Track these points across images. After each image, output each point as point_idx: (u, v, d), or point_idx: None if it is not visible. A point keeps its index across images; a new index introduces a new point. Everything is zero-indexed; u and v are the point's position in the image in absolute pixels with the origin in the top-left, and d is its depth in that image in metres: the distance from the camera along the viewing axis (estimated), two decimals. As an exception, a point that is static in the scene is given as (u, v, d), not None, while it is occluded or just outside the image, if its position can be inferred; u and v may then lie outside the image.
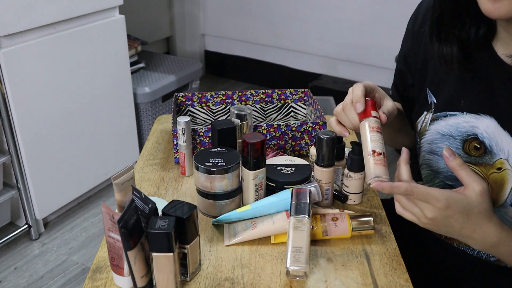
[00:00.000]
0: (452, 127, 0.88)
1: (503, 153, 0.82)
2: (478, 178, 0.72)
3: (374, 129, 0.81)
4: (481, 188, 0.71)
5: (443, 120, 0.89)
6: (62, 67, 1.84)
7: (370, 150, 0.79)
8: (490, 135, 0.83)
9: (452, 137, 0.88)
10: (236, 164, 0.88)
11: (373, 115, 0.82)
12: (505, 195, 0.84)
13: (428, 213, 0.71)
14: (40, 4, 1.71)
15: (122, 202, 0.75)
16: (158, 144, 1.18)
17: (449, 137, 0.88)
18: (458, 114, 0.87)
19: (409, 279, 0.78)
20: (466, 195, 0.71)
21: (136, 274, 0.72)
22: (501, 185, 0.84)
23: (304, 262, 0.75)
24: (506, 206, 0.84)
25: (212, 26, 3.38)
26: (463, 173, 0.72)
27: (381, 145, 0.79)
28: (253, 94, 1.23)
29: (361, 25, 2.79)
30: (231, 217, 0.87)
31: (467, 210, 0.71)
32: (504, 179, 0.83)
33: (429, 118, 0.92)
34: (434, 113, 0.91)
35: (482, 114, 0.84)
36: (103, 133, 2.09)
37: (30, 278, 1.79)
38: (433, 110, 0.91)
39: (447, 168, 0.89)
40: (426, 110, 0.93)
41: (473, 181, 0.71)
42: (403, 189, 0.71)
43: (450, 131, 0.88)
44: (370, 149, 0.79)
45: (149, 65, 2.62)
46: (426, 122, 0.93)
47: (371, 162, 0.77)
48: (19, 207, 1.90)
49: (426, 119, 0.93)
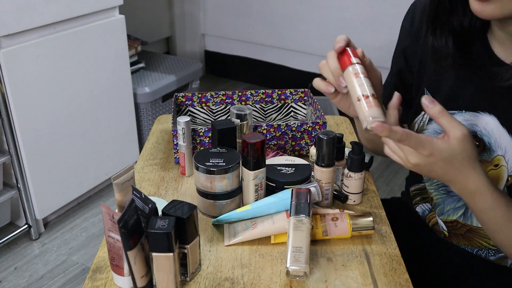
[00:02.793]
0: None
1: (501, 149, 0.82)
2: (458, 124, 0.70)
3: (358, 75, 0.75)
4: (462, 133, 0.70)
5: None
6: (62, 67, 1.84)
7: (359, 94, 0.73)
8: (489, 132, 0.83)
9: None
10: (236, 164, 0.88)
11: (354, 62, 0.77)
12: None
13: (411, 159, 0.71)
14: (40, 4, 1.70)
15: (122, 202, 0.75)
16: (158, 144, 1.18)
17: None
18: (457, 113, 0.87)
19: (409, 279, 0.78)
20: (449, 142, 0.70)
21: (136, 274, 0.72)
22: (497, 182, 0.84)
23: (304, 262, 0.75)
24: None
25: (212, 26, 3.38)
26: (443, 120, 0.71)
27: (369, 88, 0.74)
28: (253, 94, 1.23)
29: (361, 25, 2.79)
30: (231, 217, 0.87)
31: (450, 158, 0.71)
32: (500, 176, 0.84)
33: (427, 118, 0.92)
34: None
35: (481, 112, 0.84)
36: (103, 133, 2.09)
37: (30, 278, 1.79)
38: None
39: None
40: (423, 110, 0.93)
41: (454, 127, 0.70)
42: (399, 134, 0.68)
43: None
44: (358, 94, 0.73)
45: (149, 65, 2.62)
46: (424, 121, 0.93)
47: (364, 105, 0.72)
48: (19, 207, 1.90)
49: (424, 118, 0.93)
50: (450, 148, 0.70)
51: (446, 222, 0.95)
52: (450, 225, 0.95)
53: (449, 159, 0.71)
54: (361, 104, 0.72)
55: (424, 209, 1.00)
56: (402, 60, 0.98)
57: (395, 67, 1.01)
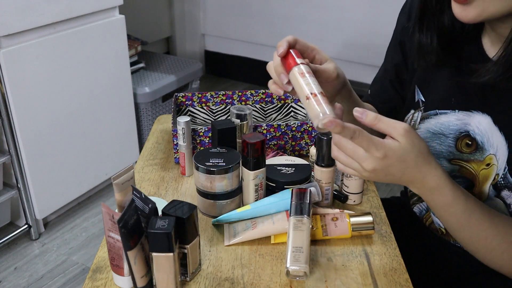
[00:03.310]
0: (443, 125, 0.88)
1: (493, 148, 0.82)
2: (397, 122, 0.69)
3: (303, 74, 0.73)
4: (403, 128, 0.68)
5: (433, 118, 0.89)
6: (62, 67, 1.84)
7: (307, 93, 0.70)
8: (482, 131, 0.83)
9: (444, 135, 0.88)
10: (236, 164, 0.88)
11: (299, 62, 0.74)
12: (486, 190, 0.84)
13: (367, 166, 0.69)
14: (40, 4, 1.71)
15: (122, 202, 0.75)
16: (158, 144, 1.18)
17: (440, 135, 0.89)
18: (449, 112, 0.87)
19: (409, 279, 0.78)
20: (397, 141, 0.69)
21: (136, 274, 0.72)
22: (486, 180, 0.84)
23: (304, 262, 0.75)
24: (491, 198, 0.85)
25: (212, 26, 3.38)
26: (382, 125, 0.69)
27: (316, 87, 0.71)
28: (253, 94, 1.23)
29: (361, 25, 2.79)
30: (231, 217, 0.87)
31: (404, 156, 0.69)
32: (489, 174, 0.84)
33: (418, 117, 0.92)
34: (424, 111, 0.91)
35: (474, 111, 0.84)
36: (103, 133, 2.09)
37: (30, 278, 1.79)
38: (422, 109, 0.91)
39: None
40: (413, 109, 0.93)
41: (394, 127, 0.69)
42: (351, 131, 0.66)
43: (441, 130, 0.88)
44: (306, 93, 0.70)
45: (149, 65, 2.62)
46: (415, 121, 0.93)
47: (313, 103, 0.69)
48: (19, 207, 1.90)
49: (414, 117, 0.93)
50: (401, 147, 0.68)
51: None
52: None
53: (403, 157, 0.69)
54: (310, 103, 0.69)
55: (421, 209, 1.00)
56: (400, 54, 0.98)
57: (391, 61, 1.00)
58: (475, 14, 0.70)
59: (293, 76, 0.74)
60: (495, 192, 0.84)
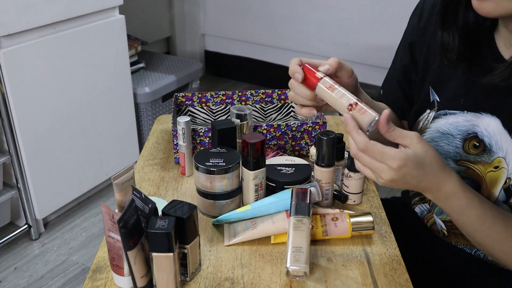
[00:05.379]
0: (452, 125, 0.88)
1: (502, 151, 0.82)
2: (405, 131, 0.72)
3: (332, 87, 0.75)
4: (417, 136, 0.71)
5: (443, 118, 0.89)
6: (62, 67, 1.84)
7: (347, 105, 0.73)
8: (490, 133, 0.83)
9: (452, 136, 0.88)
10: (236, 164, 0.88)
11: (320, 76, 0.77)
12: (496, 193, 0.84)
13: (384, 176, 0.71)
14: (40, 4, 1.70)
15: (122, 202, 0.75)
16: (158, 144, 1.18)
17: (449, 136, 0.89)
18: (458, 113, 0.87)
19: (409, 279, 0.78)
20: (413, 149, 0.70)
21: (136, 274, 0.72)
22: (494, 184, 0.84)
23: (304, 262, 0.75)
24: (499, 203, 0.84)
25: (212, 26, 3.38)
26: (396, 133, 0.71)
27: (350, 96, 0.74)
28: (253, 94, 1.23)
29: (361, 25, 2.79)
30: (231, 217, 0.87)
31: (420, 163, 0.70)
32: (498, 178, 0.84)
33: (432, 116, 0.92)
34: (437, 111, 0.91)
35: (483, 113, 0.84)
36: (103, 133, 2.09)
37: (30, 278, 1.79)
38: (436, 109, 0.91)
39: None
40: (429, 109, 0.93)
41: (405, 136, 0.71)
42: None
43: (449, 130, 0.88)
44: (346, 106, 0.73)
45: (149, 65, 2.62)
46: (428, 120, 0.93)
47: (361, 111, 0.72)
48: (19, 207, 1.90)
49: (428, 117, 0.93)
50: (417, 154, 0.70)
51: (445, 222, 0.95)
52: (450, 225, 0.95)
53: (420, 165, 0.71)
54: (356, 113, 0.73)
55: (422, 210, 1.00)
56: (408, 55, 0.98)
57: (400, 62, 1.01)
58: (491, 9, 0.72)
59: (321, 91, 0.76)
60: (505, 196, 0.84)
